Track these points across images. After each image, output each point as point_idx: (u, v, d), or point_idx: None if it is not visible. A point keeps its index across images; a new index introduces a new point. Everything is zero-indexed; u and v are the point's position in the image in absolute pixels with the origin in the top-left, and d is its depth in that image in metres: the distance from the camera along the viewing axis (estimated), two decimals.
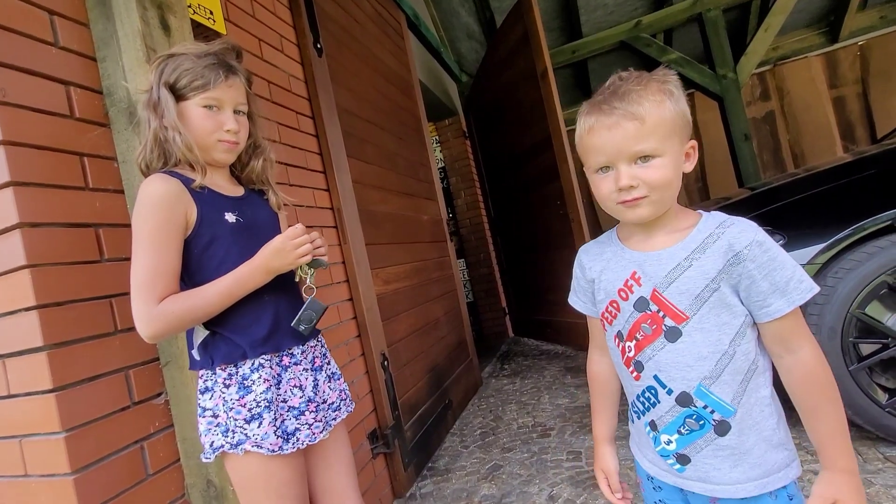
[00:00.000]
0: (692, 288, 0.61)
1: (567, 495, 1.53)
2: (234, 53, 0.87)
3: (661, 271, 0.63)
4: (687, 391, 0.62)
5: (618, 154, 0.60)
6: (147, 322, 0.74)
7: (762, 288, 0.59)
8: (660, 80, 0.61)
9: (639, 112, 0.58)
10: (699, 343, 0.61)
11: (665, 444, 0.65)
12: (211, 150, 0.83)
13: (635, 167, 0.60)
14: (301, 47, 1.76)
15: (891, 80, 4.11)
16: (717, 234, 0.61)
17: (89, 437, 0.83)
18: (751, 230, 0.60)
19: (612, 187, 0.62)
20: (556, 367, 3.02)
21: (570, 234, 2.96)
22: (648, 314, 0.64)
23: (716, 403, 0.61)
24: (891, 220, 1.40)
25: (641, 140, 0.59)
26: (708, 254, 0.61)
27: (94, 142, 0.94)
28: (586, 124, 0.63)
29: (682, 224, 0.65)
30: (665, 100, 0.59)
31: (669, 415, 0.64)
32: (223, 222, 0.81)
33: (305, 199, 1.62)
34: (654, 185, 0.60)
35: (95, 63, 0.97)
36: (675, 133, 0.60)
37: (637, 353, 0.66)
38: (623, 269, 0.68)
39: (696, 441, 0.62)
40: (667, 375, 0.63)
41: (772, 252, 0.59)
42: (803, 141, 4.37)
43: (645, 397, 0.66)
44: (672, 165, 0.60)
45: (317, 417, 0.87)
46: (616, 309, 0.68)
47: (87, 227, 0.90)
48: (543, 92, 2.91)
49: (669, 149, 0.60)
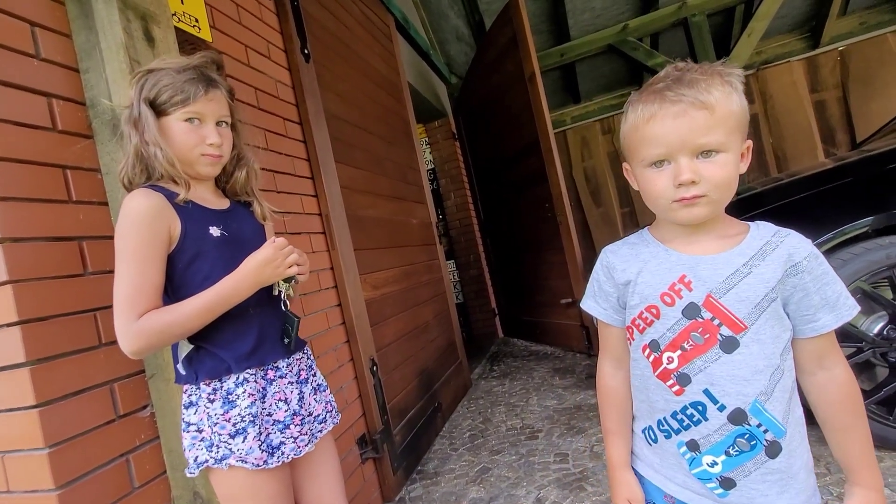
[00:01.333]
0: (752, 296, 0.57)
1: (554, 497, 1.56)
2: (214, 66, 0.86)
3: (718, 276, 0.58)
4: (742, 408, 0.57)
5: (681, 145, 0.55)
6: (129, 338, 0.73)
7: (813, 301, 0.57)
8: (724, 73, 0.56)
9: (709, 101, 0.54)
10: (756, 356, 0.57)
11: (708, 465, 0.60)
12: (194, 164, 0.83)
13: (697, 161, 0.55)
14: (288, 53, 1.75)
15: (869, 85, 4.21)
16: (776, 243, 0.58)
17: (74, 452, 0.83)
18: (808, 242, 0.59)
19: (668, 183, 0.57)
20: (544, 369, 3.05)
21: (558, 237, 2.99)
22: (700, 322, 0.59)
23: (770, 422, 0.57)
24: (867, 226, 1.44)
25: (709, 131, 0.54)
26: (768, 261, 0.58)
27: (78, 154, 0.93)
28: (646, 112, 0.57)
29: (732, 230, 0.61)
30: (732, 92, 0.55)
31: (718, 434, 0.59)
32: (208, 237, 0.81)
33: (293, 205, 1.62)
34: (716, 184, 0.55)
35: (78, 74, 0.96)
36: (739, 129, 0.56)
37: (683, 364, 0.60)
38: (668, 272, 0.62)
39: (746, 464, 0.58)
40: (720, 390, 0.58)
41: (825, 266, 0.58)
42: (786, 144, 4.46)
43: (686, 414, 0.61)
44: (734, 163, 0.56)
45: (302, 430, 0.87)
46: (654, 315, 0.62)
47: (70, 240, 0.89)
48: (531, 95, 2.93)
49: (733, 145, 0.56)
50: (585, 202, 5.19)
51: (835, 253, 1.45)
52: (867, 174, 1.57)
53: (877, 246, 1.40)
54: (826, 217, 1.50)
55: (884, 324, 1.43)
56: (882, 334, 1.41)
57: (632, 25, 4.05)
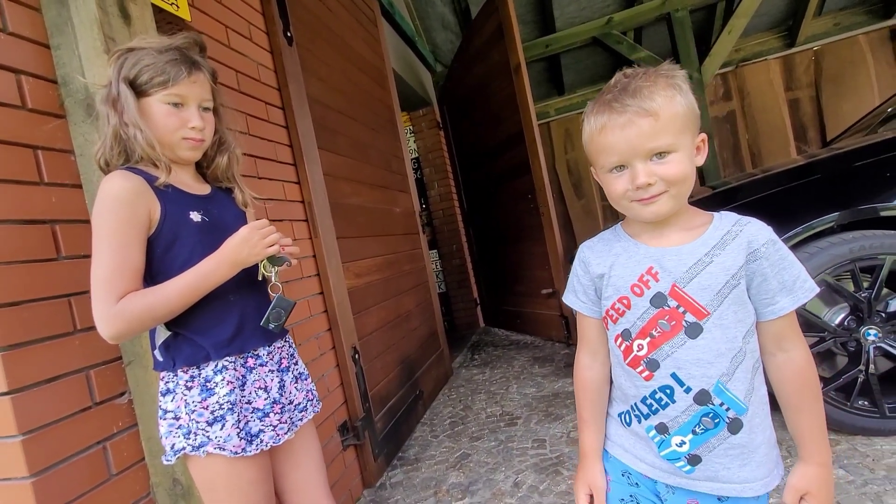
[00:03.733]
0: (714, 283, 0.61)
1: (531, 482, 1.60)
2: (197, 48, 0.84)
3: (681, 266, 0.62)
4: (706, 388, 0.61)
5: (633, 152, 0.59)
6: (107, 321, 0.72)
7: (772, 286, 0.60)
8: (667, 75, 0.60)
9: (652, 108, 0.57)
10: (718, 339, 0.61)
11: (677, 446, 0.64)
12: (175, 147, 0.81)
13: (651, 164, 0.59)
14: (270, 35, 1.71)
15: (841, 85, 4.35)
16: (736, 232, 0.62)
17: (48, 440, 0.81)
18: (766, 229, 0.62)
19: (627, 186, 0.61)
20: (524, 357, 3.10)
21: (540, 228, 3.03)
22: (666, 310, 0.63)
23: (732, 401, 0.61)
24: (833, 221, 1.50)
25: (657, 136, 0.58)
26: (728, 250, 0.61)
27: (50, 134, 0.90)
28: (597, 123, 0.61)
29: (696, 222, 0.65)
30: (675, 94, 0.59)
31: (685, 414, 0.63)
32: (188, 221, 0.80)
33: (275, 192, 1.59)
34: (673, 181, 0.59)
35: (49, 51, 0.92)
36: (687, 127, 0.60)
37: (651, 350, 0.64)
38: (637, 265, 0.66)
39: (710, 440, 0.62)
40: (686, 373, 0.62)
41: (782, 252, 0.61)
42: (761, 140, 4.59)
43: (655, 398, 0.65)
44: (688, 160, 0.60)
45: (282, 419, 0.87)
46: (625, 306, 0.66)
47: (42, 223, 0.87)
48: (517, 85, 2.93)
49: (683, 143, 0.59)
50: (567, 194, 5.25)
51: (802, 246, 1.51)
52: (835, 171, 1.63)
53: (841, 241, 1.46)
54: (796, 212, 1.56)
55: (844, 315, 1.50)
56: (843, 325, 1.49)
57: (616, 19, 4.07)
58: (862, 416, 1.47)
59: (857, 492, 1.25)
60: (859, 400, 1.47)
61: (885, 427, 1.46)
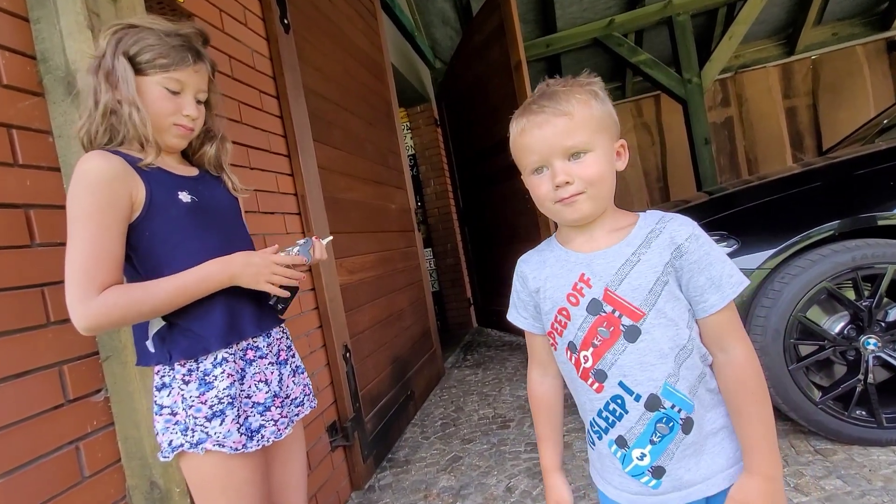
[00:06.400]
0: (644, 283, 0.60)
1: (524, 486, 1.57)
2: (201, 39, 0.81)
3: (611, 269, 0.62)
4: (655, 393, 0.60)
5: (550, 151, 0.60)
6: (84, 314, 0.67)
7: (700, 282, 0.60)
8: (583, 83, 0.62)
9: (567, 108, 0.59)
10: (659, 339, 0.60)
11: (638, 459, 0.62)
12: (164, 132, 0.77)
13: (569, 163, 0.60)
14: (266, 21, 1.66)
15: (838, 94, 4.37)
16: (659, 229, 0.62)
17: (17, 439, 0.76)
18: (689, 225, 0.61)
19: (549, 187, 0.61)
20: (517, 359, 3.07)
21: (535, 229, 2.99)
22: (603, 316, 0.62)
23: (681, 401, 0.60)
24: (833, 229, 1.49)
25: (571, 135, 0.59)
26: (653, 248, 0.61)
27: (26, 112, 0.84)
28: (518, 126, 0.63)
29: (622, 223, 0.65)
30: (590, 99, 0.61)
31: (640, 424, 0.61)
32: (176, 202, 0.76)
33: (267, 183, 1.54)
34: (590, 180, 0.60)
35: (28, 24, 0.86)
36: (603, 129, 0.61)
37: (596, 361, 0.62)
38: (570, 273, 0.65)
39: (668, 447, 0.61)
40: (632, 380, 0.61)
41: (706, 247, 0.60)
42: (757, 147, 4.60)
43: (609, 410, 0.63)
44: (605, 160, 0.61)
45: (282, 413, 0.84)
46: (566, 317, 0.65)
47: (15, 207, 0.81)
48: (516, 84, 2.89)
49: (600, 144, 0.60)
50: None
51: (803, 254, 1.49)
52: (835, 180, 1.62)
53: (843, 248, 1.44)
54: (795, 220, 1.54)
55: (844, 323, 1.49)
56: (842, 333, 1.47)
57: (618, 20, 4.05)
58: (859, 426, 1.45)
59: (856, 503, 1.23)
60: (857, 410, 1.45)
61: (883, 437, 1.44)
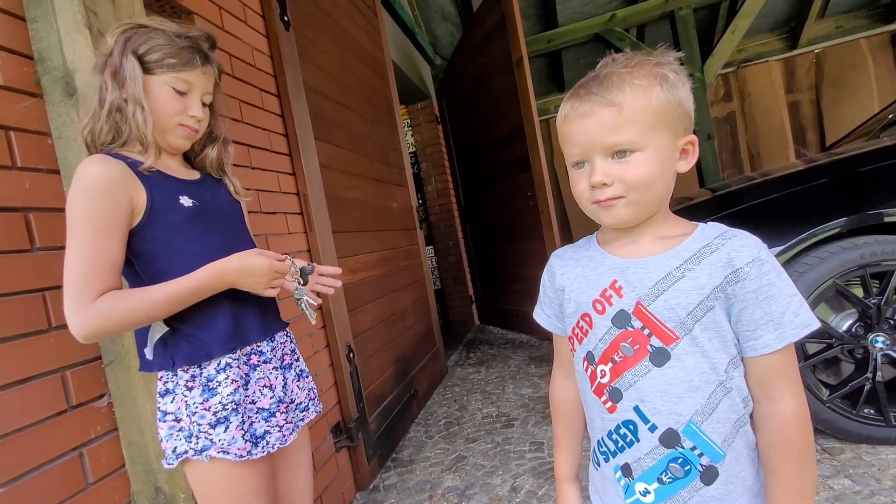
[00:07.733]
0: (683, 303, 0.51)
1: (529, 486, 1.56)
2: (209, 42, 0.81)
3: (648, 281, 0.53)
4: (674, 428, 0.52)
5: (591, 146, 0.52)
6: (81, 321, 0.66)
7: (755, 316, 0.50)
8: (654, 63, 0.52)
9: (616, 98, 0.50)
10: (691, 370, 0.51)
11: (640, 494, 0.55)
12: (168, 133, 0.76)
13: (611, 162, 0.52)
14: (267, 19, 1.63)
15: (842, 89, 4.34)
16: (716, 245, 0.52)
17: (19, 446, 0.75)
18: (754, 246, 0.52)
19: (586, 184, 0.54)
20: (520, 357, 3.06)
21: (538, 226, 2.98)
22: (630, 331, 0.54)
23: (706, 445, 0.51)
24: (840, 226, 1.47)
25: (617, 130, 0.50)
26: (704, 265, 0.51)
27: (24, 114, 0.83)
28: (562, 112, 0.56)
29: (675, 231, 0.56)
30: (654, 84, 0.51)
31: (650, 457, 0.53)
32: (178, 207, 0.75)
33: (269, 183, 1.53)
34: (632, 185, 0.51)
35: (25, 23, 0.85)
36: (662, 124, 0.51)
37: (614, 378, 0.55)
38: (601, 277, 0.57)
39: (680, 492, 0.53)
40: (650, 407, 0.53)
41: (772, 275, 0.50)
42: (760, 142, 4.57)
43: (620, 434, 0.56)
44: (656, 162, 0.51)
45: (287, 419, 0.83)
46: (588, 324, 0.58)
47: (14, 211, 0.80)
48: (518, 80, 2.87)
49: (653, 143, 0.51)
50: (566, 192, 5.20)
51: (810, 252, 1.48)
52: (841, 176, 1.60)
53: (852, 245, 1.43)
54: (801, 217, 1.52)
55: (852, 321, 1.47)
56: (850, 331, 1.46)
57: (619, 15, 4.02)
58: (868, 425, 1.44)
59: (865, 503, 1.22)
60: (865, 408, 1.44)
61: (892, 436, 1.43)
